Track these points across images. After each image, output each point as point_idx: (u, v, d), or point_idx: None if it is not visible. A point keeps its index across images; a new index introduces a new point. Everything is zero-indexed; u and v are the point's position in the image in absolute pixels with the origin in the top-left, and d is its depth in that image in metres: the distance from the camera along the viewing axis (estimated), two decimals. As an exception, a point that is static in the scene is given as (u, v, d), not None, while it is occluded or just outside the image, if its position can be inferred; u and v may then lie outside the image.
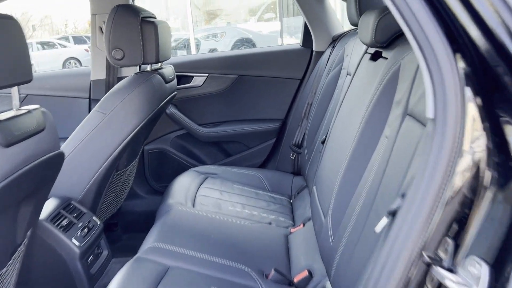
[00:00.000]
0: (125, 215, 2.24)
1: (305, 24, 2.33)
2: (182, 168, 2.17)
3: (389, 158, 0.97)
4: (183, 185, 1.87)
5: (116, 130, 1.57)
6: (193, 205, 1.73)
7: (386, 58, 1.24)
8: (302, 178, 2.07)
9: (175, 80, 2.02)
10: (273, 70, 2.37)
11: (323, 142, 1.66)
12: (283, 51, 2.44)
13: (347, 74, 1.71)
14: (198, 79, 2.35)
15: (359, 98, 1.35)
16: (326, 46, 2.26)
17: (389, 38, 1.24)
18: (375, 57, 1.38)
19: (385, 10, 1.21)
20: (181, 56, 6.13)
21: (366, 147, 1.15)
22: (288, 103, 2.39)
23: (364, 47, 1.55)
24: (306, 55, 2.36)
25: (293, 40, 8.75)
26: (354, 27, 2.00)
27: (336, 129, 1.53)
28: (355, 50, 1.69)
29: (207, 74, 2.35)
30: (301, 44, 2.42)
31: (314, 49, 2.33)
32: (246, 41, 10.42)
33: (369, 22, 1.26)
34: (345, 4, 1.85)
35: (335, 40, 2.18)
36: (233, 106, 2.39)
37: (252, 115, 2.40)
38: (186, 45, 10.75)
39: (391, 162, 0.95)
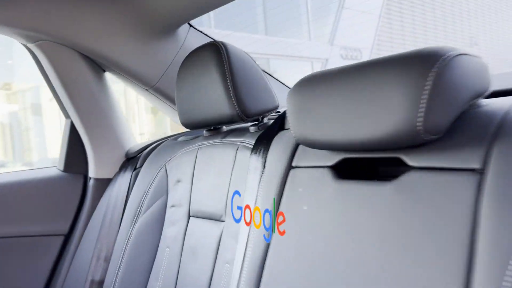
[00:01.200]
0: None
1: (71, 126, 1.28)
2: None
3: None
4: None
5: None
6: None
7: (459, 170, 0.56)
8: None
9: None
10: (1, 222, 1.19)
11: None
12: (21, 183, 1.25)
13: (193, 217, 0.94)
14: None
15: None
16: (116, 168, 1.28)
17: (449, 122, 0.58)
18: (359, 172, 0.69)
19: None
20: None
21: None
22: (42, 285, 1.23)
23: (260, 162, 0.83)
24: (75, 187, 1.28)
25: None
26: (180, 133, 1.20)
27: None
28: (205, 172, 0.95)
29: None
30: (61, 169, 1.31)
31: (92, 175, 1.29)
32: None
33: (361, 102, 0.60)
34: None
35: (133, 158, 1.24)
36: None
37: None
38: None
39: None
